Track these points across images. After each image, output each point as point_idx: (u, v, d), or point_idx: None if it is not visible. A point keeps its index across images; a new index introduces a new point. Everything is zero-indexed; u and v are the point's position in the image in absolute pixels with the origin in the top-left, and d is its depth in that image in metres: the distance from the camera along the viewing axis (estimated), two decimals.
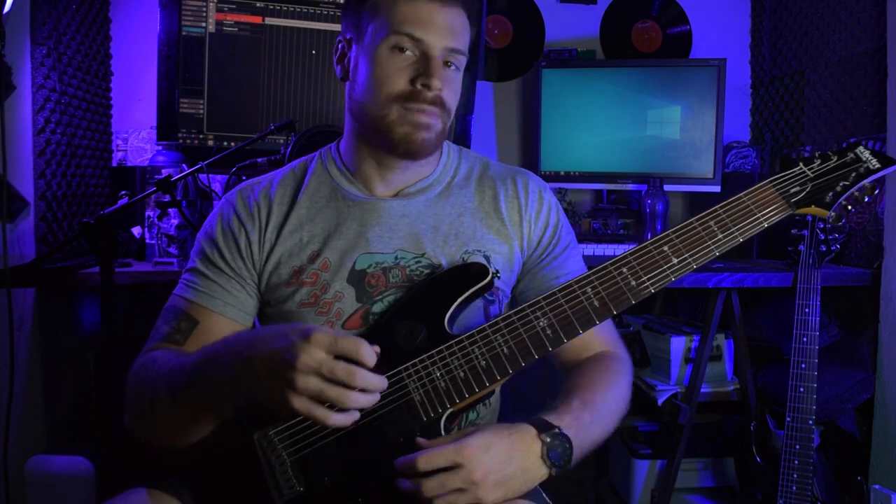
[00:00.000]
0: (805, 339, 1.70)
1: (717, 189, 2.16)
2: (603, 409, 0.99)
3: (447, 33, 1.04)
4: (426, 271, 1.07)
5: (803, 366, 1.69)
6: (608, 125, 2.22)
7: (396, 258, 1.07)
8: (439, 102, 1.05)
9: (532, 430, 0.90)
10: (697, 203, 2.44)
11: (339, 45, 1.13)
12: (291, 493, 0.92)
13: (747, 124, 2.51)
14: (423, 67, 1.03)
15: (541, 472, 0.89)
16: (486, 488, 0.84)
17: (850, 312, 1.93)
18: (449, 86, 1.06)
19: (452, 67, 1.07)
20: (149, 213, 1.83)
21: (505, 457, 0.86)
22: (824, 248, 1.74)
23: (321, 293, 1.06)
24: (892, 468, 1.72)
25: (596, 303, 0.97)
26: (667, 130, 2.19)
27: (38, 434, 1.84)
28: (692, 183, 2.19)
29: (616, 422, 1.02)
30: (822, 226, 1.75)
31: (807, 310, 1.71)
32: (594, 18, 2.45)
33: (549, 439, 0.89)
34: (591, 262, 1.81)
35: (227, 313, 1.07)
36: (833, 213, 1.04)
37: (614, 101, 2.21)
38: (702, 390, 1.93)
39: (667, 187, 2.09)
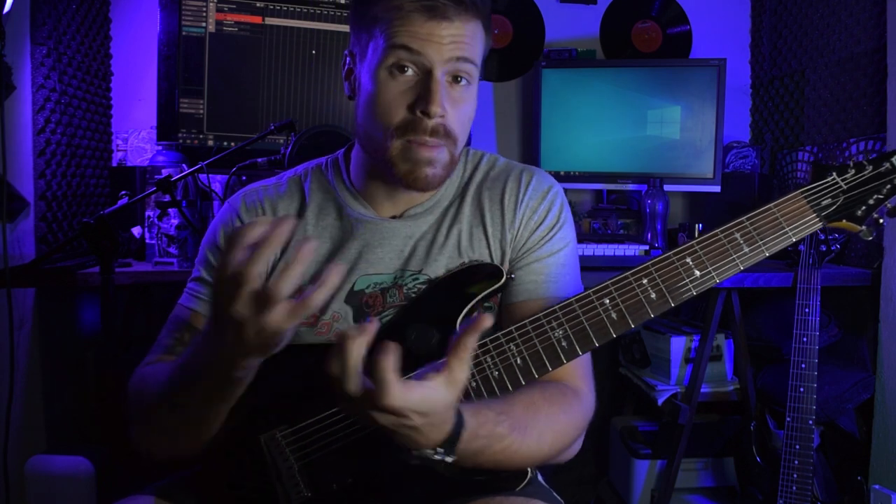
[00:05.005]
0: (805, 339, 1.70)
1: (717, 189, 2.16)
2: (529, 435, 0.89)
3: (451, 44, 0.94)
4: (424, 287, 1.03)
5: (803, 366, 1.69)
6: (608, 125, 2.22)
7: (395, 278, 1.04)
8: (442, 132, 0.96)
9: (442, 437, 0.80)
10: (698, 203, 2.44)
11: (347, 60, 1.04)
12: (299, 499, 0.92)
13: (747, 124, 2.51)
14: (423, 90, 0.95)
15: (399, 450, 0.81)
16: (382, 417, 0.75)
17: (850, 312, 1.93)
18: (455, 107, 0.97)
19: (462, 82, 0.97)
20: (149, 213, 1.83)
21: (419, 425, 0.77)
22: (824, 248, 1.74)
23: (320, 314, 1.03)
24: (892, 468, 1.72)
25: (614, 315, 0.93)
26: (667, 130, 2.19)
27: (38, 434, 1.84)
28: (692, 183, 2.19)
29: (541, 454, 0.92)
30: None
31: (807, 310, 1.71)
32: (594, 18, 2.45)
33: (436, 457, 0.81)
34: (591, 261, 1.84)
35: None
36: (864, 228, 0.99)
37: (614, 101, 2.21)
38: (702, 390, 1.93)
39: (667, 187, 2.09)
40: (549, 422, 0.92)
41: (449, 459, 0.81)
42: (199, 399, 0.89)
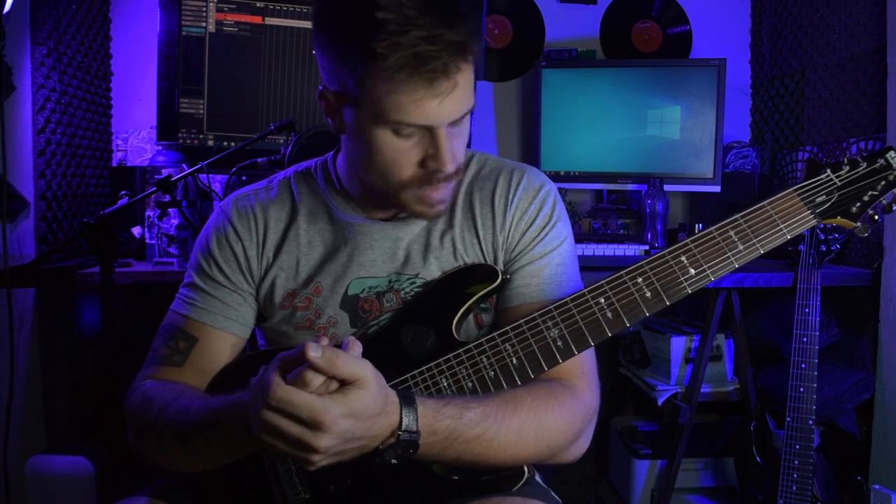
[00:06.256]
0: (805, 339, 1.70)
1: (717, 189, 2.16)
2: (505, 430, 0.88)
3: (455, 108, 0.90)
4: (420, 291, 1.03)
5: (803, 366, 1.69)
6: (608, 125, 2.22)
7: (390, 282, 1.03)
8: (452, 173, 0.96)
9: (395, 419, 0.81)
10: (698, 203, 2.44)
11: (324, 98, 0.97)
12: (297, 501, 0.92)
13: (747, 124, 2.51)
14: (433, 148, 0.92)
15: (371, 453, 0.82)
16: (318, 457, 0.78)
17: (850, 312, 1.93)
18: (457, 141, 0.95)
19: (461, 121, 0.95)
20: (149, 213, 1.83)
21: (358, 433, 0.78)
22: (824, 248, 1.74)
23: (315, 318, 1.03)
24: (892, 468, 1.72)
25: (609, 314, 0.93)
26: (667, 130, 2.19)
27: (38, 434, 1.84)
28: (692, 183, 2.18)
29: (526, 450, 0.91)
30: (822, 226, 1.75)
31: (807, 310, 1.71)
32: (594, 18, 2.45)
33: (402, 437, 0.81)
34: (591, 261, 1.84)
35: (228, 329, 1.04)
36: (859, 225, 0.99)
37: (614, 101, 2.21)
38: (702, 390, 1.93)
39: (667, 187, 2.09)
40: (532, 415, 0.90)
41: (414, 437, 0.81)
42: (217, 449, 0.91)
